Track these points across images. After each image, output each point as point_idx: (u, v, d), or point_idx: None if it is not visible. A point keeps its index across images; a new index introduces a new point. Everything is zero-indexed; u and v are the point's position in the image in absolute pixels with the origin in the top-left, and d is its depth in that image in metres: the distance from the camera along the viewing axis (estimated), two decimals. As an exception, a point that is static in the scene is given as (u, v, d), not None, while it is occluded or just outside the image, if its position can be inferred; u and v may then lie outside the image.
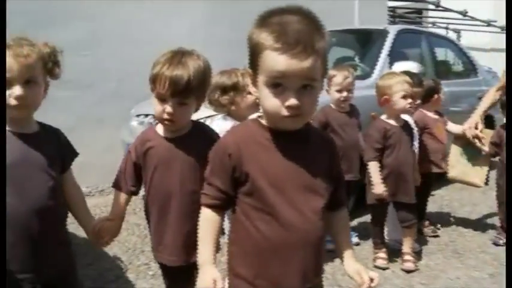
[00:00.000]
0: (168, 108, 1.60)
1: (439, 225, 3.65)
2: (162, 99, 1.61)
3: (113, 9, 4.74)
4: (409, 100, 2.84)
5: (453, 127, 3.61)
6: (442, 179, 3.80)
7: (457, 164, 3.50)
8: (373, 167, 2.86)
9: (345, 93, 3.07)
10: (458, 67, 6.05)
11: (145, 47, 3.44)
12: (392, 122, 2.90)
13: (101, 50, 4.52)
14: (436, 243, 3.39)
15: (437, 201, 4.40)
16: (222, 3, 5.66)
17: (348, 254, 1.36)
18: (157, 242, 1.72)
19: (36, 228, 1.48)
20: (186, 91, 1.58)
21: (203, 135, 1.70)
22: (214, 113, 2.74)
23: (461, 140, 3.51)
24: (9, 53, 1.43)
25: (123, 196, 1.73)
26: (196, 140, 1.68)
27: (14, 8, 4.12)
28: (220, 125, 2.41)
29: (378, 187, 2.84)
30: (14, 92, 1.43)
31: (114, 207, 1.74)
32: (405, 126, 2.96)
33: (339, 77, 3.04)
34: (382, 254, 3.00)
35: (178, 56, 1.62)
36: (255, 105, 2.40)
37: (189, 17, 5.40)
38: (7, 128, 1.48)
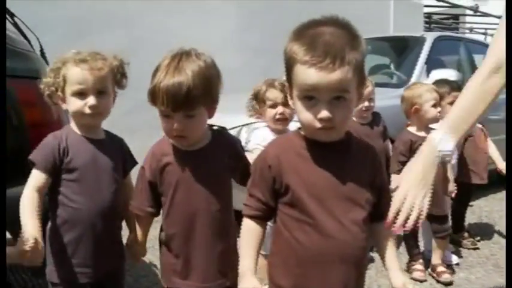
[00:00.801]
0: (176, 124, 1.41)
1: (478, 238, 3.53)
2: (166, 116, 1.43)
3: (148, 18, 4.84)
4: (439, 108, 2.79)
5: (493, 151, 3.45)
6: (481, 189, 3.68)
7: None
8: (395, 180, 2.80)
9: (366, 103, 3.02)
10: (498, 74, 5.87)
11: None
12: (419, 133, 2.82)
13: (136, 57, 4.54)
14: (476, 256, 3.28)
15: (476, 212, 4.26)
16: (255, 12, 5.69)
17: (394, 266, 1.32)
18: (184, 269, 1.52)
19: (99, 227, 1.60)
20: (188, 102, 1.38)
21: (225, 146, 1.56)
22: (251, 120, 2.70)
23: None
24: (86, 66, 1.55)
25: (142, 219, 1.61)
26: (218, 152, 1.53)
27: (55, 17, 4.26)
28: (263, 134, 2.38)
29: None
30: (89, 101, 1.56)
31: (136, 233, 1.65)
32: None
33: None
34: (419, 266, 2.93)
35: (175, 61, 1.42)
36: (275, 120, 2.31)
37: (222, 25, 5.46)
38: (79, 133, 1.62)
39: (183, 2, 5.13)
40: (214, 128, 1.59)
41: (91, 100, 1.56)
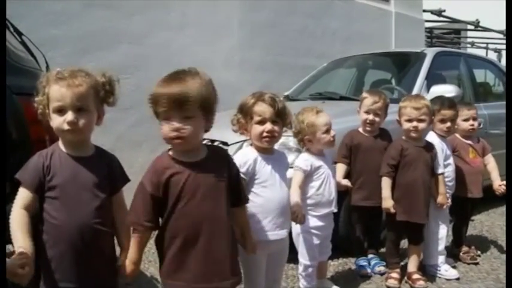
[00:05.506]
0: (175, 124, 1.56)
1: (479, 252, 3.53)
2: (165, 119, 1.57)
3: (153, 35, 4.91)
4: (414, 123, 2.87)
5: (491, 168, 3.44)
6: (482, 204, 3.68)
7: None
8: (384, 182, 2.92)
9: (371, 116, 3.08)
10: (499, 88, 5.90)
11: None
12: (410, 141, 2.93)
13: (142, 73, 4.64)
14: (476, 271, 3.28)
15: (477, 226, 4.27)
16: (257, 30, 5.78)
17: None
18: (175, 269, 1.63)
19: (80, 243, 1.58)
20: (185, 104, 1.53)
21: (220, 158, 1.73)
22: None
23: None
24: (64, 83, 1.57)
25: (139, 234, 1.65)
26: (215, 164, 1.67)
27: (61, 34, 4.33)
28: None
29: (386, 201, 2.88)
30: (66, 117, 1.57)
31: (131, 250, 1.67)
32: (426, 147, 2.96)
33: (369, 99, 3.12)
34: (395, 274, 2.96)
35: (174, 74, 1.60)
36: (261, 138, 2.07)
37: (226, 42, 5.53)
38: (65, 150, 1.63)
39: (187, 19, 5.21)
40: (209, 144, 1.75)
41: (69, 116, 1.56)
